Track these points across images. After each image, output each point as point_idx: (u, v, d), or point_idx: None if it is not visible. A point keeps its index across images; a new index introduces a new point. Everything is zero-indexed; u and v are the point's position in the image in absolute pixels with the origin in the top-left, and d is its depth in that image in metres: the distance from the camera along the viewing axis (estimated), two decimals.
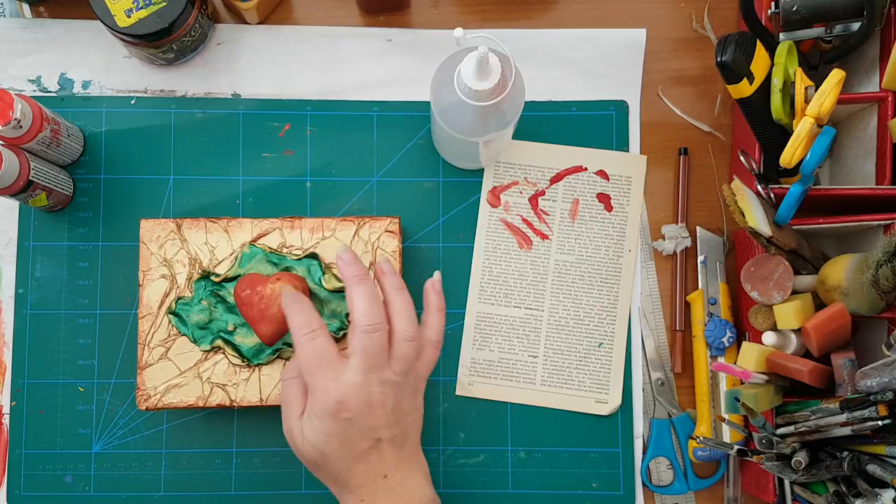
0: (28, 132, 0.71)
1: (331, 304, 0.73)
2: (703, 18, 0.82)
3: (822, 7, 0.70)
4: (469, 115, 0.68)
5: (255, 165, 0.80)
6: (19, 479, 0.77)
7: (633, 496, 0.78)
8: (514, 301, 0.80)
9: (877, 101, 0.72)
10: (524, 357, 0.79)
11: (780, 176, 0.75)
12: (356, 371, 0.62)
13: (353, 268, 0.65)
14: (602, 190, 0.81)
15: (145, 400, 0.72)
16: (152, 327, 0.73)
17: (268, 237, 0.74)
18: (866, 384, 0.64)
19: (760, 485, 0.73)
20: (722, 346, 0.77)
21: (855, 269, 0.67)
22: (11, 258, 0.79)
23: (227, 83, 0.81)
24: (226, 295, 0.73)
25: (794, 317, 0.69)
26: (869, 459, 0.65)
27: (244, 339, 0.73)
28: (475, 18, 0.82)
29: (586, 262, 0.80)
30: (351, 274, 0.65)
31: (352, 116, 0.81)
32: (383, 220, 0.74)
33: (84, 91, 0.81)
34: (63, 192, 0.77)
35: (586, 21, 0.82)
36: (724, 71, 0.67)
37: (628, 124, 0.81)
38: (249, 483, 0.78)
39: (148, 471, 0.78)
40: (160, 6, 0.73)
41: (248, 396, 0.73)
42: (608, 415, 0.79)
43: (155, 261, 0.73)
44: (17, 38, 0.81)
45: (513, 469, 0.79)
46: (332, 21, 0.82)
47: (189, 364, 0.73)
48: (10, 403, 0.78)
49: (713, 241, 0.80)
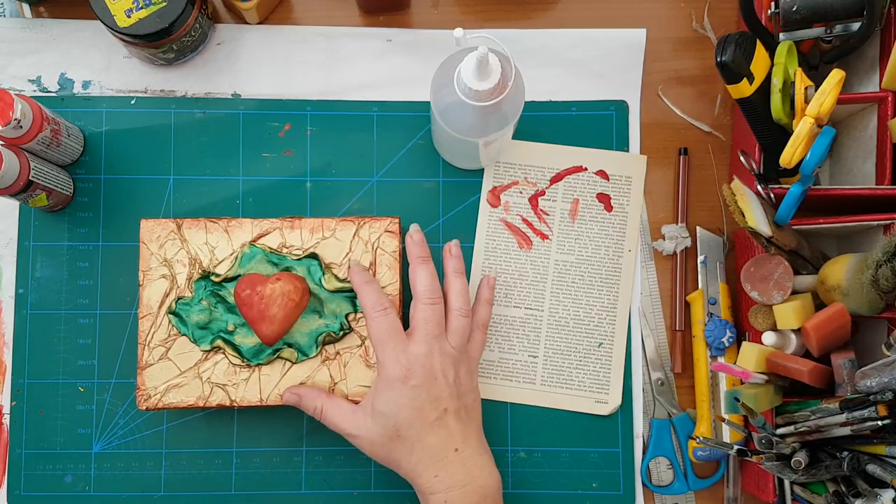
0: (28, 132, 0.71)
1: (331, 304, 0.73)
2: (703, 18, 0.82)
3: (822, 7, 0.70)
4: (469, 115, 0.68)
5: (255, 165, 0.80)
6: (19, 479, 0.77)
7: (632, 496, 0.78)
8: (514, 301, 0.80)
9: (877, 101, 0.72)
10: (524, 357, 0.79)
11: (780, 176, 0.75)
12: (419, 342, 0.70)
13: (419, 248, 0.73)
14: (602, 190, 0.81)
15: (145, 400, 0.72)
16: (152, 327, 0.73)
17: (268, 237, 0.74)
18: (866, 384, 0.64)
19: (760, 485, 0.73)
20: (722, 346, 0.77)
21: (855, 269, 0.67)
22: (11, 258, 0.79)
23: (227, 83, 0.81)
24: (226, 295, 0.73)
25: (794, 317, 0.69)
26: (869, 459, 0.65)
27: (244, 340, 0.73)
28: (475, 18, 0.82)
29: (586, 262, 0.80)
30: (416, 254, 0.73)
31: (352, 116, 0.81)
32: (383, 221, 0.74)
33: (84, 91, 0.81)
34: (63, 192, 0.77)
35: (586, 21, 0.82)
36: (724, 71, 0.67)
37: (628, 124, 0.81)
38: (249, 483, 0.78)
39: (148, 471, 0.78)
40: (160, 6, 0.73)
41: (247, 396, 0.73)
42: (608, 415, 0.79)
43: (155, 261, 0.73)
44: (17, 38, 0.81)
45: (513, 469, 0.79)
46: (332, 21, 0.82)
47: (189, 364, 0.73)
48: (10, 403, 0.78)
49: (713, 241, 0.80)
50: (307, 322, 0.73)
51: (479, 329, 0.75)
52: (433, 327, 0.70)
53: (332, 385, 0.73)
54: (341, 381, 0.73)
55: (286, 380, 0.73)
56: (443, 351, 0.70)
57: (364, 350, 0.73)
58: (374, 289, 0.72)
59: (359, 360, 0.73)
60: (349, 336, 0.73)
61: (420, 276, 0.72)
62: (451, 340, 0.71)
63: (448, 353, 0.71)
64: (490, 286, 0.78)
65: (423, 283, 0.72)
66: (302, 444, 0.78)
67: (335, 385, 0.73)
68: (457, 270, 0.74)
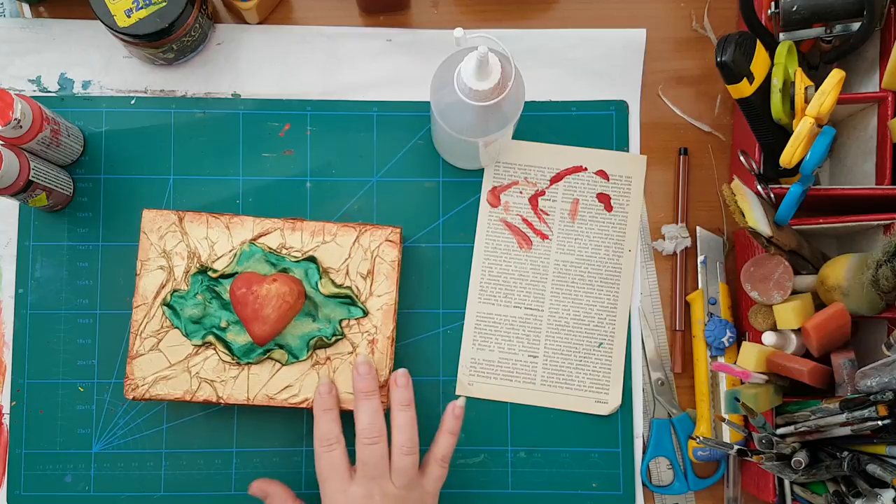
0: (28, 132, 0.71)
1: (325, 308, 0.73)
2: (703, 18, 0.82)
3: (822, 7, 0.70)
4: (469, 115, 0.68)
5: (255, 165, 0.80)
6: (19, 479, 0.77)
7: (632, 496, 0.78)
8: (514, 301, 0.80)
9: (877, 101, 0.72)
10: (524, 357, 0.79)
11: (780, 176, 0.75)
12: (359, 483, 0.68)
13: (364, 383, 0.71)
14: (602, 190, 0.81)
15: (133, 389, 0.72)
16: (146, 318, 0.73)
17: (268, 237, 0.74)
18: (866, 384, 0.64)
19: (760, 485, 0.73)
20: (722, 346, 0.77)
21: (855, 269, 0.67)
22: (11, 258, 0.79)
23: (227, 83, 0.81)
24: (221, 291, 0.73)
25: (794, 317, 0.69)
26: (869, 459, 0.65)
27: (236, 337, 0.73)
28: (475, 18, 0.82)
29: (586, 262, 0.80)
30: (360, 389, 0.71)
31: (352, 116, 0.81)
32: (384, 230, 0.74)
33: (84, 91, 0.81)
34: (63, 192, 0.77)
35: (586, 21, 0.82)
36: (724, 71, 0.67)
37: (628, 124, 0.81)
38: (249, 483, 0.78)
39: (148, 471, 0.78)
40: (160, 6, 0.73)
41: (235, 394, 0.73)
42: (608, 415, 0.79)
43: (154, 251, 0.73)
44: (17, 38, 0.81)
45: (513, 469, 0.79)
46: (332, 21, 0.82)
47: (179, 357, 0.73)
48: (10, 403, 0.78)
49: (713, 241, 0.80)
50: (300, 325, 0.73)
51: (436, 462, 0.71)
52: (372, 468, 0.68)
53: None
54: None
55: (275, 380, 0.73)
56: (384, 492, 0.67)
57: (355, 357, 0.73)
58: (330, 419, 0.70)
59: (349, 367, 0.73)
60: (341, 342, 0.73)
61: (360, 414, 0.69)
62: (394, 480, 0.68)
63: (390, 493, 0.68)
64: (456, 416, 0.72)
65: (362, 421, 0.69)
66: (302, 444, 0.78)
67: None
68: (402, 403, 0.70)
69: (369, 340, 0.73)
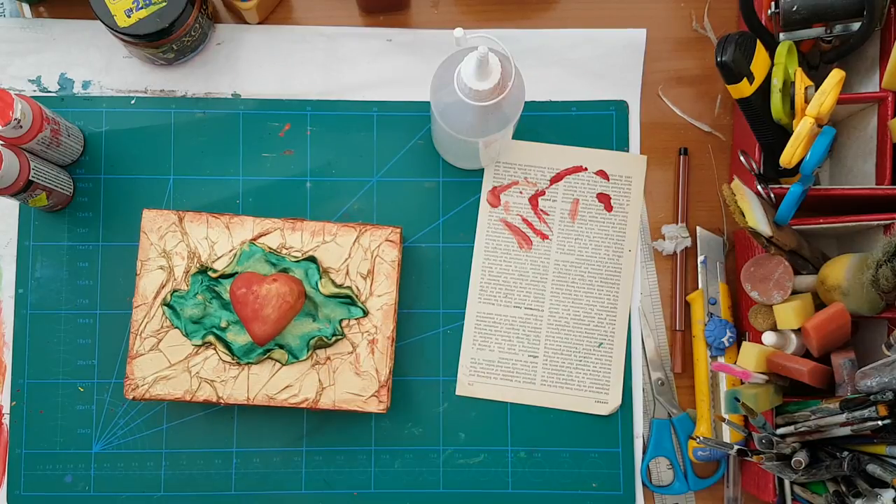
0: (28, 132, 0.71)
1: (325, 308, 0.73)
2: (703, 18, 0.82)
3: (822, 7, 0.70)
4: (469, 115, 0.68)
5: (255, 165, 0.80)
6: (19, 479, 0.77)
7: (633, 496, 0.78)
8: (514, 301, 0.80)
9: (877, 101, 0.72)
10: (524, 357, 0.79)
11: (780, 176, 0.75)
12: None
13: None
14: (602, 190, 0.81)
15: (133, 389, 0.72)
16: (146, 317, 0.73)
17: (268, 237, 0.74)
18: (866, 384, 0.64)
19: (760, 485, 0.73)
20: (722, 346, 0.77)
21: (855, 269, 0.67)
22: (11, 258, 0.79)
23: (227, 83, 0.81)
24: (221, 291, 0.73)
25: (794, 317, 0.69)
26: (869, 459, 0.65)
27: (236, 337, 0.73)
28: (475, 18, 0.82)
29: (586, 262, 0.80)
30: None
31: (352, 116, 0.81)
32: (384, 230, 0.74)
33: (84, 91, 0.81)
34: (63, 192, 0.77)
35: (586, 21, 0.82)
36: (724, 71, 0.67)
37: (628, 124, 0.81)
38: (249, 483, 0.78)
39: (148, 471, 0.78)
40: (160, 6, 0.73)
41: (234, 394, 0.73)
42: (608, 415, 0.79)
43: (154, 251, 0.73)
44: (17, 38, 0.81)
45: (513, 469, 0.79)
46: (332, 21, 0.82)
47: (179, 357, 0.73)
48: (10, 403, 0.78)
49: (713, 241, 0.80)
50: (300, 325, 0.73)
51: None
52: None
53: (320, 389, 0.73)
54: (329, 387, 0.73)
55: (275, 380, 0.73)
56: None
57: (355, 357, 0.73)
58: None
59: (349, 367, 0.73)
60: (341, 342, 0.73)
61: None
62: None
63: None
64: None
65: None
66: (302, 444, 0.78)
67: (323, 390, 0.73)
68: None
69: (369, 340, 0.73)
